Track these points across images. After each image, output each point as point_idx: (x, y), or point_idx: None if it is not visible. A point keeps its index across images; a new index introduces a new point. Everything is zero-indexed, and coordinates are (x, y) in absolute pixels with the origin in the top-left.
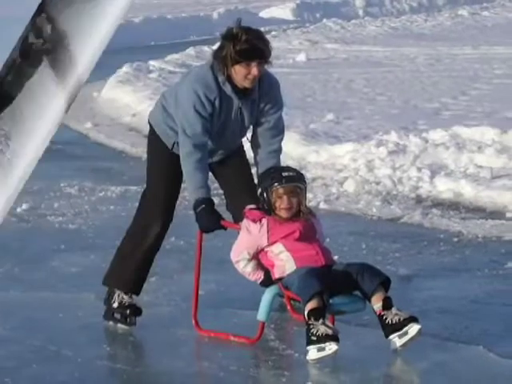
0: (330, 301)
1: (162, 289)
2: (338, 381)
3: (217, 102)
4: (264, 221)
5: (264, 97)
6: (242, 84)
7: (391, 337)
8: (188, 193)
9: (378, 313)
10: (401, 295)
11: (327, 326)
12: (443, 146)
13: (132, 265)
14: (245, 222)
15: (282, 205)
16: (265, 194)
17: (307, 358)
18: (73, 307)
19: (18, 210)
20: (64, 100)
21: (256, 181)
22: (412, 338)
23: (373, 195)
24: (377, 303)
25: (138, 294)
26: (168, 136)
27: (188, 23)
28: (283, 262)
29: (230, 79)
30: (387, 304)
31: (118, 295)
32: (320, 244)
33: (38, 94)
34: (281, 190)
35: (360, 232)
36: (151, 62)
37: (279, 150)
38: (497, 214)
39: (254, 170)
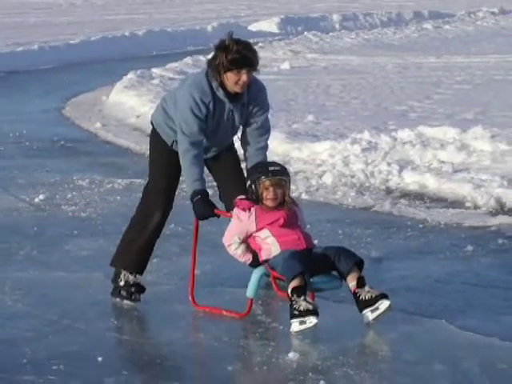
0: (311, 280)
1: (163, 269)
2: (318, 350)
3: (211, 105)
4: (252, 209)
5: (252, 100)
6: (233, 89)
7: (364, 311)
8: (186, 185)
9: (352, 290)
10: (373, 275)
11: (308, 302)
12: (410, 144)
13: (136, 248)
14: (236, 211)
15: (268, 195)
16: (253, 186)
17: (290, 330)
18: (84, 285)
19: (36, 200)
20: None
21: (245, 174)
22: (383, 313)
23: (348, 187)
24: (352, 282)
25: (141, 273)
26: (168, 135)
27: (186, 35)
28: (269, 245)
29: (222, 85)
30: (361, 282)
31: (124, 275)
32: (302, 230)
33: None
34: (267, 183)
35: (337, 219)
36: (153, 70)
37: (266, 147)
38: (457, 203)
39: (243, 165)
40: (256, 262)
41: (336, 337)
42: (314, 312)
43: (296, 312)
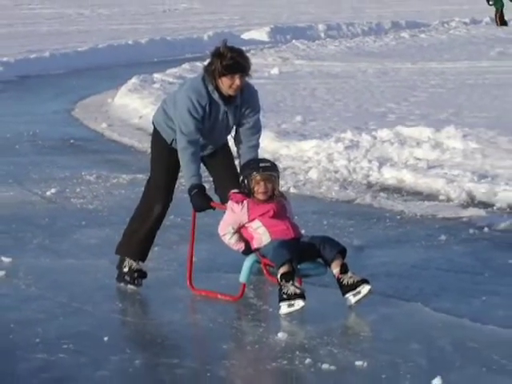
0: (298, 266)
1: (164, 257)
2: (305, 331)
3: (207, 107)
4: (245, 202)
5: (245, 103)
6: (227, 92)
7: (347, 295)
8: (184, 180)
9: (336, 276)
10: (355, 262)
11: (296, 287)
12: (389, 142)
13: (139, 238)
14: (229, 203)
15: (259, 189)
16: (246, 181)
17: (280, 312)
18: (92, 271)
19: (48, 193)
20: None
21: (238, 170)
22: (364, 296)
23: (332, 182)
24: (335, 268)
25: (143, 260)
26: (168, 134)
27: (184, 43)
28: (260, 235)
29: (217, 88)
30: (344, 269)
31: (128, 262)
32: (290, 221)
33: None
34: (258, 178)
35: (322, 211)
36: (154, 75)
37: (257, 146)
38: (432, 196)
39: (237, 162)
40: (248, 250)
41: (321, 318)
42: (301, 295)
43: (285, 296)
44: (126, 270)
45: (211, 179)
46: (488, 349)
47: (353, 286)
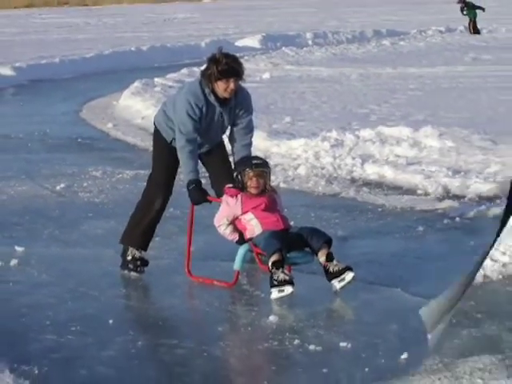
0: (288, 255)
1: (164, 246)
2: (294, 314)
3: (204, 109)
4: (239, 196)
5: (239, 104)
6: (222, 95)
7: (332, 281)
8: (182, 175)
9: (322, 264)
10: (339, 251)
11: (285, 274)
12: (371, 141)
13: (141, 229)
14: (224, 197)
15: (252, 184)
16: (239, 176)
17: (271, 297)
18: (98, 260)
19: (57, 188)
20: None
21: (233, 166)
22: (348, 283)
23: (319, 177)
24: (322, 257)
25: (145, 250)
26: (168, 133)
27: (183, 50)
28: (253, 226)
29: (213, 91)
30: (330, 257)
31: (131, 251)
32: (280, 213)
33: None
34: (251, 173)
35: (309, 204)
36: (156, 79)
37: (250, 144)
38: (410, 191)
39: (231, 159)
40: (242, 240)
41: (309, 303)
42: (290, 282)
43: (275, 282)
44: (129, 258)
45: (208, 175)
46: None
47: (338, 273)
